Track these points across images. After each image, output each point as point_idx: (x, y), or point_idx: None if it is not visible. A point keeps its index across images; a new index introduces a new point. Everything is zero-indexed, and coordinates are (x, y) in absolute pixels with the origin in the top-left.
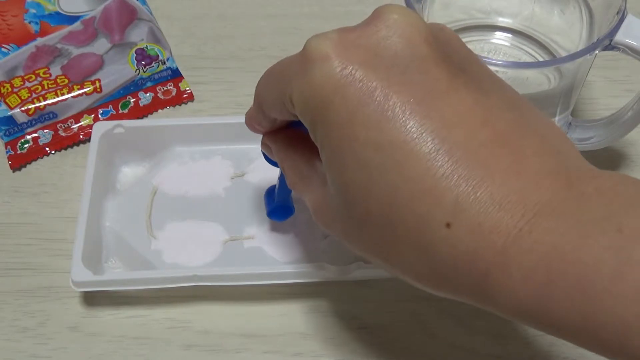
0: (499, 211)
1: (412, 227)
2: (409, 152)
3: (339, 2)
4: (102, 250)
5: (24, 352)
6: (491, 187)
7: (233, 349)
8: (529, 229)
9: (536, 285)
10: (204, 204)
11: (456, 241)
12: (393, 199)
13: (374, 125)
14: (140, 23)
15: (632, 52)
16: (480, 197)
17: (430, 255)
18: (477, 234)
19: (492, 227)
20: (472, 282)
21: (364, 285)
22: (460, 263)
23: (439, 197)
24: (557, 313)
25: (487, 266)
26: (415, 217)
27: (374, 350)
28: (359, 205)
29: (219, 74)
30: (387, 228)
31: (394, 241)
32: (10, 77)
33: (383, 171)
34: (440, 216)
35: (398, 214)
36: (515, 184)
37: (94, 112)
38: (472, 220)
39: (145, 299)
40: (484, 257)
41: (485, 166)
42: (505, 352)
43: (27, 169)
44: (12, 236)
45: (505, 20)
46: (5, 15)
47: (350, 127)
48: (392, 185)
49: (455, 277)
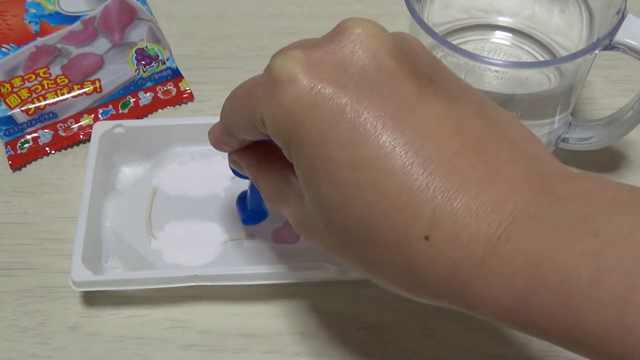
0: (476, 221)
1: (391, 243)
2: (382, 168)
3: (339, 2)
4: (102, 250)
5: (23, 352)
6: (467, 198)
7: (233, 349)
8: (507, 236)
9: (516, 294)
10: (204, 204)
11: (435, 254)
12: (370, 216)
13: (346, 144)
14: (140, 23)
15: (632, 52)
16: (457, 208)
17: (411, 269)
18: (456, 245)
19: (470, 238)
20: (454, 293)
21: (364, 285)
22: (441, 275)
23: (416, 211)
24: (539, 320)
25: (467, 278)
26: (393, 233)
27: (374, 350)
28: (337, 224)
29: (219, 74)
30: (367, 244)
31: (375, 256)
32: (10, 77)
33: (358, 190)
34: (418, 230)
35: (376, 231)
36: (491, 193)
37: (94, 112)
38: (451, 232)
39: (145, 299)
40: (463, 269)
41: (461, 176)
42: (505, 352)
43: (27, 169)
44: (12, 236)
45: (506, 19)
46: (5, 15)
47: (323, 146)
48: (368, 203)
49: (437, 288)
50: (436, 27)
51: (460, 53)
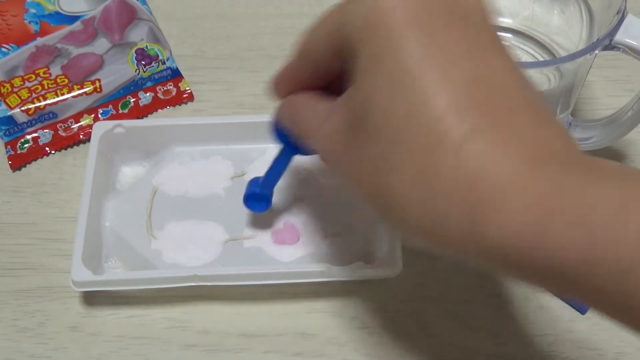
0: (512, 147)
1: (422, 145)
2: (446, 77)
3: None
4: (102, 250)
5: (23, 352)
6: (512, 128)
7: (233, 349)
8: (534, 164)
9: (534, 217)
10: (204, 204)
11: (462, 163)
12: (415, 112)
13: (426, 44)
14: (140, 23)
15: (632, 52)
16: (499, 131)
17: (429, 177)
18: (485, 161)
19: (501, 159)
20: (465, 212)
21: (364, 285)
22: (459, 187)
23: (461, 120)
24: (552, 249)
25: (486, 192)
26: (430, 134)
27: (374, 350)
28: (376, 116)
29: (219, 74)
30: (394, 144)
31: (395, 160)
32: (10, 77)
33: (417, 86)
34: (456, 138)
35: (413, 128)
36: (535, 133)
37: (94, 112)
38: (484, 148)
39: (145, 299)
40: (484, 183)
41: (511, 110)
42: (505, 352)
43: (27, 169)
44: (12, 236)
45: (506, 20)
46: (5, 15)
47: (405, 39)
48: (419, 100)
49: (447, 206)
50: None
51: None
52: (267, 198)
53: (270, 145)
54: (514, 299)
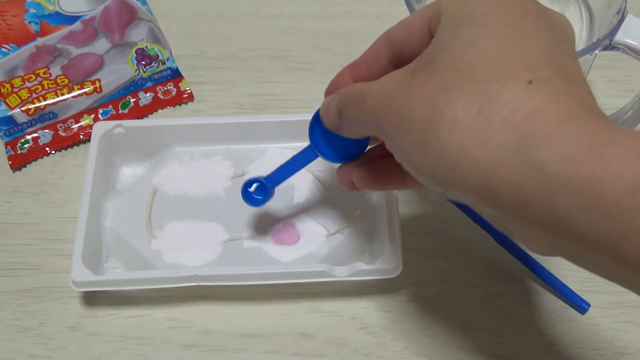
0: (569, 98)
1: (493, 76)
2: (516, 35)
3: (339, 2)
4: (102, 250)
5: (23, 352)
6: (570, 85)
7: (233, 349)
8: (588, 116)
9: (587, 146)
10: (204, 204)
11: (524, 100)
12: (487, 54)
13: (491, 11)
14: (140, 23)
15: (632, 52)
16: (560, 84)
17: (488, 104)
18: (545, 102)
19: (559, 103)
20: (517, 136)
21: (364, 285)
22: (516, 116)
23: (530, 68)
24: (601, 177)
25: (542, 123)
26: (501, 71)
27: (374, 350)
28: (449, 56)
29: (219, 74)
30: (460, 75)
31: (458, 90)
32: (10, 77)
33: (493, 37)
34: (525, 75)
35: (484, 67)
36: (587, 95)
37: (94, 112)
38: (547, 92)
39: (145, 299)
40: (542, 117)
41: (569, 68)
42: (505, 352)
43: (27, 169)
44: (12, 236)
45: None
46: (5, 15)
47: (483, 8)
48: (500, 41)
49: (500, 130)
50: None
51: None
52: (267, 191)
53: (270, 145)
54: (514, 299)
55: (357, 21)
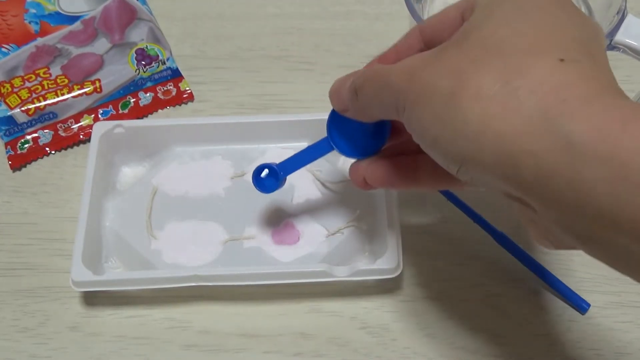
0: (597, 80)
1: (524, 52)
2: (548, 21)
3: (339, 2)
4: (102, 250)
5: (24, 352)
6: (597, 68)
7: (233, 349)
8: (613, 95)
9: (615, 118)
10: (204, 204)
11: (553, 75)
12: (520, 33)
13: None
14: (140, 23)
15: (632, 52)
16: (589, 66)
17: (515, 76)
18: (574, 79)
19: (587, 81)
20: (544, 106)
21: (364, 285)
22: (545, 89)
23: (567, 44)
24: (628, 147)
25: (570, 96)
26: (531, 48)
27: (374, 350)
28: (481, 32)
29: (219, 74)
30: (490, 50)
31: (486, 62)
32: (10, 77)
33: (534, 17)
34: (556, 54)
35: (516, 39)
36: (610, 76)
37: (94, 112)
38: (576, 71)
39: (145, 299)
40: (569, 91)
41: (594, 54)
42: (505, 352)
43: (27, 169)
44: (12, 236)
45: None
46: (5, 15)
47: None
48: (534, 23)
49: (528, 100)
50: None
51: None
52: (278, 178)
53: (270, 145)
54: (514, 299)
55: (357, 21)
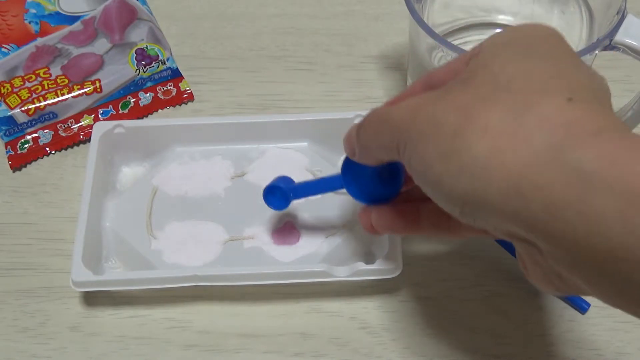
0: (604, 115)
1: (532, 91)
2: (572, 64)
3: (339, 2)
4: (102, 250)
5: (24, 352)
6: (599, 105)
7: (233, 349)
8: (619, 129)
9: (626, 147)
10: (204, 204)
11: (561, 113)
12: (528, 72)
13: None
14: (140, 23)
15: (632, 52)
16: (594, 104)
17: (524, 113)
18: (582, 116)
19: (596, 116)
20: (553, 140)
21: (364, 285)
22: (553, 125)
23: (575, 86)
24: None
25: (579, 129)
26: (541, 85)
27: (374, 350)
28: (488, 72)
29: (219, 74)
30: (498, 88)
31: (491, 98)
32: (10, 77)
33: (542, 58)
34: (565, 94)
35: (525, 78)
36: (611, 112)
37: (94, 112)
38: (583, 109)
39: (145, 299)
40: (579, 125)
41: (596, 92)
42: (505, 352)
43: (27, 169)
44: (12, 236)
45: (505, 19)
46: (5, 15)
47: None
48: (542, 64)
49: (535, 135)
50: (436, 27)
51: (461, 53)
52: (287, 200)
53: (270, 145)
54: (514, 299)
55: (357, 21)
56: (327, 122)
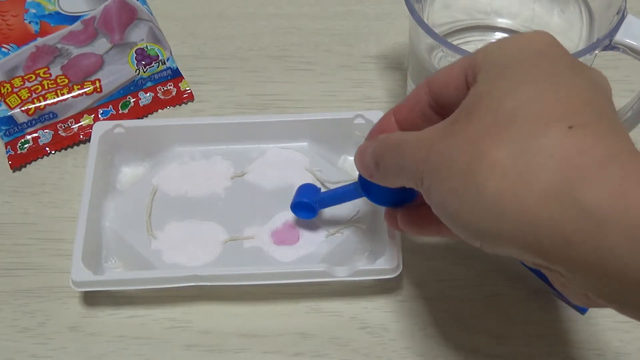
0: (609, 140)
1: (532, 123)
2: (554, 87)
3: (339, 2)
4: (102, 250)
5: (24, 352)
6: (606, 127)
7: (233, 349)
8: (625, 156)
9: (633, 182)
10: (204, 204)
11: (565, 143)
12: (529, 102)
13: (548, 62)
14: (140, 23)
15: (632, 52)
16: (599, 128)
17: (529, 148)
18: (586, 144)
19: (600, 144)
20: (560, 176)
21: (363, 285)
22: (557, 158)
23: (574, 108)
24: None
25: (584, 162)
26: (540, 116)
27: (374, 350)
28: (488, 105)
29: (219, 74)
30: (499, 122)
31: (498, 134)
32: (10, 77)
33: (539, 85)
34: (565, 122)
35: (524, 110)
36: (622, 133)
37: (94, 112)
38: (586, 136)
39: (145, 299)
40: (584, 156)
41: (601, 115)
42: (505, 352)
43: (27, 169)
44: (12, 236)
45: (506, 20)
46: (5, 15)
47: (517, 63)
48: (539, 92)
49: (542, 172)
50: (436, 28)
51: (460, 53)
52: (314, 209)
53: (270, 145)
54: (514, 299)
55: (357, 21)
56: (327, 122)
